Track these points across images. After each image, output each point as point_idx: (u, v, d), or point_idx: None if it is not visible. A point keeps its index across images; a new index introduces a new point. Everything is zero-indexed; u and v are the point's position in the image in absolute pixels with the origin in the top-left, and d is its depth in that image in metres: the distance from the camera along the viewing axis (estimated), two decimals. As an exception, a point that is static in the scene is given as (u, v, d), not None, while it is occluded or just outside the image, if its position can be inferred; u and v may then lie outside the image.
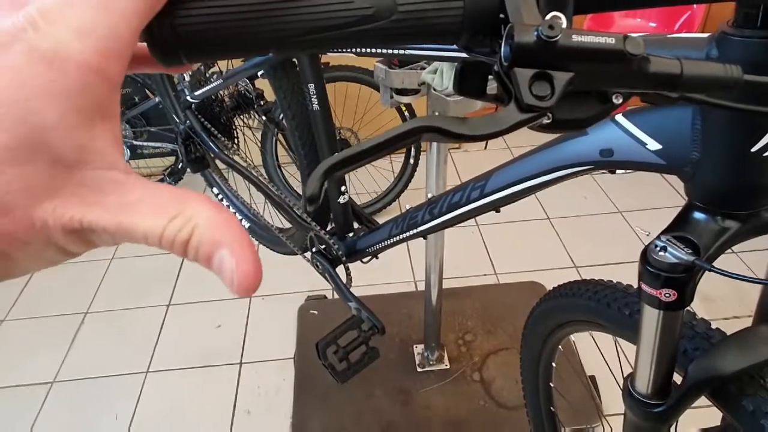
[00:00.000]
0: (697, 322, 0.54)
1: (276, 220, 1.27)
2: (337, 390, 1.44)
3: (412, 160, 2.04)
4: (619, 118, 0.48)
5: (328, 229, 1.05)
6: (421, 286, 1.43)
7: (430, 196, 0.81)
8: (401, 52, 0.83)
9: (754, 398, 0.47)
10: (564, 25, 0.26)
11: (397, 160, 2.18)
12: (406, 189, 2.09)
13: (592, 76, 0.27)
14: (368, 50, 0.83)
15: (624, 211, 2.05)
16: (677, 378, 0.53)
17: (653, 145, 0.45)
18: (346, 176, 2.17)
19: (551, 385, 0.93)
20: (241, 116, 1.24)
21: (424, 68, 0.97)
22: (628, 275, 0.59)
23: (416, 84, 1.01)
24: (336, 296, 1.70)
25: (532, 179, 0.57)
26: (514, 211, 2.05)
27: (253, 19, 0.26)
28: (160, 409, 1.49)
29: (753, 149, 0.40)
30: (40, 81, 0.18)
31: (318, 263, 1.02)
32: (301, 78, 0.87)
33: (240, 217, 1.37)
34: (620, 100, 0.30)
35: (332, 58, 1.66)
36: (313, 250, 1.03)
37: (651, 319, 0.48)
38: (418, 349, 1.57)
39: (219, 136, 1.10)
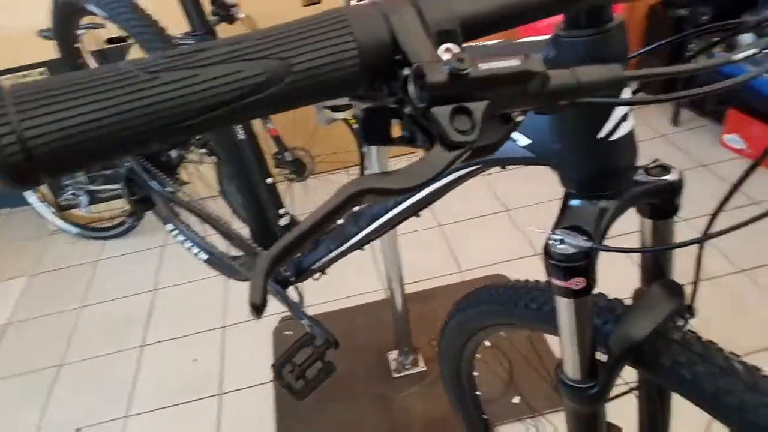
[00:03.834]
0: (599, 297, 0.57)
1: (233, 248, 1.28)
2: (318, 407, 1.46)
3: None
4: (493, 119, 0.51)
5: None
6: (390, 294, 1.46)
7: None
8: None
9: (668, 352, 0.49)
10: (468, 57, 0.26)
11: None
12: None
13: (504, 99, 0.27)
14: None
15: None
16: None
17: (523, 140, 0.49)
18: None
19: (477, 393, 0.94)
20: (182, 152, 1.25)
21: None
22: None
23: (346, 99, 1.03)
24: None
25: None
26: (472, 207, 2.10)
27: (125, 112, 0.23)
28: (143, 452, 1.49)
29: (599, 136, 0.43)
30: None
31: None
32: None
33: (197, 250, 1.38)
34: (520, 118, 0.31)
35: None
36: (264, 274, 1.05)
37: (566, 309, 0.50)
38: (393, 355, 1.59)
39: (159, 174, 1.12)
